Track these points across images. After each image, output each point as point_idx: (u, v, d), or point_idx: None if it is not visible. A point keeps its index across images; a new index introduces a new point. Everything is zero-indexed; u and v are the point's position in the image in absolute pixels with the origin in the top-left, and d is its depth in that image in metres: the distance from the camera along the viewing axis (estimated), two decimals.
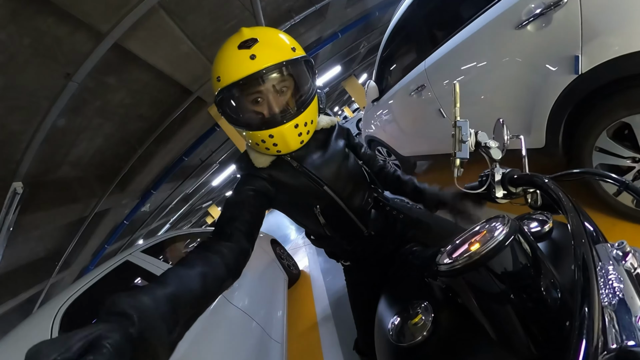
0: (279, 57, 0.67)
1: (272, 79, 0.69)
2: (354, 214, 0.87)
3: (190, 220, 16.75)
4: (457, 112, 0.63)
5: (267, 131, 0.69)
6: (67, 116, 2.73)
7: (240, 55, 0.65)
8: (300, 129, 0.72)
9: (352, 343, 1.19)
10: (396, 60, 2.60)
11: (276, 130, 0.69)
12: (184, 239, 2.37)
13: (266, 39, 0.67)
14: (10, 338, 1.20)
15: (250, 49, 0.64)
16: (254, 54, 0.64)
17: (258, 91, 0.69)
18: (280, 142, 0.72)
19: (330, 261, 3.28)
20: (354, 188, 0.87)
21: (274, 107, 0.70)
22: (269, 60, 0.65)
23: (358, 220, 0.88)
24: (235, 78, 0.65)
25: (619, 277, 0.33)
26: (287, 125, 0.70)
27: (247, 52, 0.64)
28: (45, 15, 1.96)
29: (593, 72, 1.11)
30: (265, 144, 0.72)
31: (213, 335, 1.51)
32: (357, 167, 0.92)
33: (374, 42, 8.27)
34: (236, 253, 0.58)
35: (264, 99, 0.70)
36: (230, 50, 0.66)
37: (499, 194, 0.61)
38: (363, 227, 0.90)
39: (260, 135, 0.70)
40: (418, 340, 0.57)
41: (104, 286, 1.48)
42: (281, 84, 0.71)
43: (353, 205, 0.86)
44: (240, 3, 3.01)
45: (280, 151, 0.75)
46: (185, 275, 0.45)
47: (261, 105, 0.70)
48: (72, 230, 4.34)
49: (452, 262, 0.47)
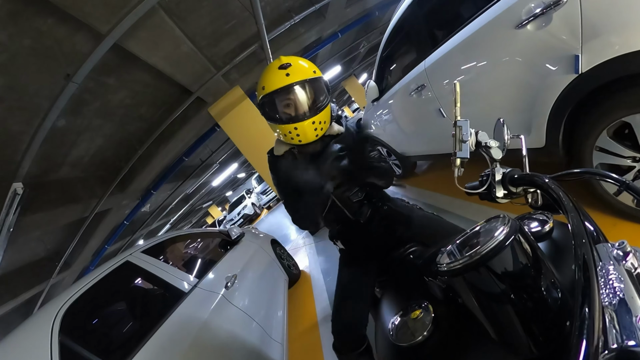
0: (304, 76, 0.98)
1: (298, 90, 0.98)
2: (341, 204, 1.10)
3: (191, 221, 16.76)
4: (458, 112, 0.63)
5: (292, 124, 0.98)
6: (67, 117, 2.73)
7: (279, 73, 0.97)
8: (316, 125, 1.00)
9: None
10: (396, 60, 2.60)
11: (299, 124, 0.98)
12: (184, 239, 2.37)
13: (296, 64, 0.99)
14: (11, 339, 1.20)
15: (286, 69, 0.97)
16: (289, 73, 0.96)
17: (289, 97, 0.98)
18: (302, 134, 1.00)
19: (330, 261, 3.27)
20: (342, 182, 1.08)
21: (299, 109, 0.99)
22: (297, 78, 0.96)
23: (345, 209, 1.10)
24: (275, 88, 0.96)
25: (619, 277, 0.33)
26: (307, 122, 0.98)
27: (284, 72, 0.96)
28: (46, 16, 1.96)
29: (593, 71, 1.11)
30: (290, 134, 1.00)
31: (213, 335, 1.51)
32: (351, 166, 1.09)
33: (374, 42, 8.27)
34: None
35: (292, 103, 0.99)
36: (274, 70, 0.98)
37: (500, 193, 0.61)
38: (350, 215, 1.11)
39: (287, 127, 0.99)
40: (418, 340, 0.57)
41: (104, 287, 1.48)
42: (304, 94, 0.99)
43: (341, 196, 1.09)
44: (240, 3, 3.01)
45: (301, 140, 1.01)
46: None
47: (290, 107, 0.99)
48: (72, 231, 4.34)
49: (452, 262, 0.47)
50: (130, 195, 5.15)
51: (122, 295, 1.63)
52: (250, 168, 12.50)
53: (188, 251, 2.34)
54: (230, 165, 9.21)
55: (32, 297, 4.68)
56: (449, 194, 2.60)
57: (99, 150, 3.71)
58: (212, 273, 1.95)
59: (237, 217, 13.53)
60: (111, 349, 1.30)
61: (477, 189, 0.64)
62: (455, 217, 2.17)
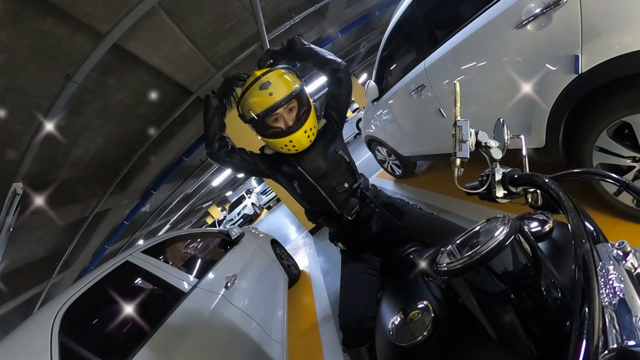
0: (286, 91, 1.00)
1: (285, 106, 1.01)
2: (325, 192, 1.11)
3: (191, 221, 16.75)
4: (458, 112, 0.63)
5: (287, 138, 1.02)
6: (67, 117, 2.73)
7: (262, 94, 0.99)
8: (308, 133, 1.05)
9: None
10: (396, 60, 2.60)
11: (293, 137, 1.02)
12: (184, 239, 2.37)
13: (275, 79, 1.01)
14: (11, 339, 1.20)
15: (267, 88, 0.99)
16: (272, 92, 0.98)
17: (277, 115, 1.02)
18: (297, 144, 1.04)
19: (330, 261, 3.27)
20: (328, 172, 1.11)
21: (288, 122, 1.03)
22: (281, 95, 0.99)
23: (328, 198, 1.11)
24: (261, 110, 0.99)
25: (619, 277, 0.33)
26: (299, 132, 1.03)
27: (266, 92, 0.99)
28: (45, 16, 1.96)
29: (593, 71, 1.11)
30: (287, 147, 1.05)
31: (213, 335, 1.51)
32: (336, 156, 1.13)
33: (374, 42, 8.26)
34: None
35: (281, 118, 1.03)
36: (255, 91, 1.01)
37: (500, 193, 0.61)
38: (335, 207, 1.11)
39: (282, 141, 1.04)
40: (418, 340, 0.57)
41: (104, 287, 1.48)
42: (289, 107, 1.03)
43: (325, 185, 1.11)
44: (240, 3, 3.01)
45: (297, 150, 1.06)
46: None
47: (280, 122, 1.04)
48: (72, 231, 4.33)
49: (452, 262, 0.47)
50: (130, 195, 5.15)
51: (122, 296, 1.63)
52: None
53: (188, 251, 2.34)
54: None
55: (32, 297, 4.68)
56: (449, 194, 2.60)
57: (99, 150, 3.71)
58: (212, 273, 1.95)
59: (237, 217, 13.53)
60: (111, 349, 1.30)
61: (477, 189, 0.64)
62: (455, 217, 2.17)
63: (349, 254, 1.18)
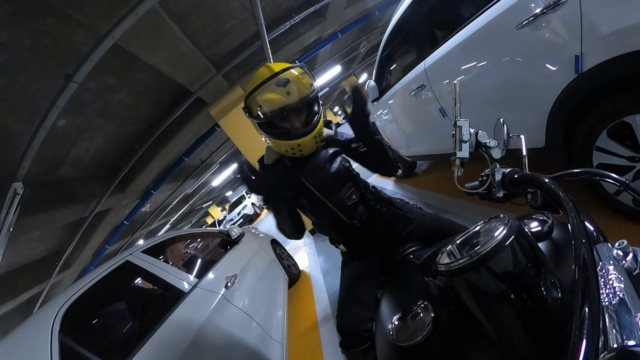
0: (304, 93, 0.95)
1: (301, 109, 0.97)
2: (335, 207, 1.06)
3: (191, 221, 16.74)
4: (458, 112, 0.63)
5: (295, 141, 0.97)
6: (68, 116, 2.73)
7: (279, 91, 0.92)
8: (317, 139, 1.02)
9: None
10: (396, 60, 2.60)
11: (302, 140, 0.97)
12: (184, 239, 2.37)
13: (294, 78, 0.95)
14: (11, 339, 1.20)
15: (285, 87, 0.92)
16: (289, 92, 0.93)
17: (289, 115, 0.96)
18: (304, 148, 1.00)
19: (330, 261, 3.27)
20: (336, 186, 1.07)
21: (297, 124, 0.98)
22: (298, 96, 0.94)
23: (339, 212, 1.07)
24: (276, 107, 0.93)
25: (619, 277, 0.33)
26: (309, 137, 0.98)
27: (284, 90, 0.92)
28: (45, 16, 1.96)
29: (593, 71, 1.11)
30: (292, 150, 1.00)
31: (213, 335, 1.51)
32: (342, 169, 1.09)
33: (374, 42, 8.26)
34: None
35: (291, 119, 0.97)
36: (271, 87, 0.93)
37: (500, 193, 0.61)
38: (346, 219, 1.08)
39: (290, 144, 0.98)
40: (418, 340, 0.57)
41: (104, 287, 1.48)
42: (306, 111, 0.99)
43: (334, 199, 1.06)
44: (240, 3, 3.01)
45: (303, 154, 1.02)
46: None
47: (289, 123, 0.98)
48: (72, 231, 4.33)
49: (452, 262, 0.47)
50: (130, 195, 5.14)
51: (122, 295, 1.63)
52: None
53: (188, 251, 2.34)
54: (231, 165, 9.20)
55: (32, 297, 4.68)
56: (449, 194, 2.60)
57: (99, 150, 3.71)
58: (212, 273, 1.94)
59: (237, 217, 13.53)
60: (111, 348, 1.30)
61: (477, 189, 0.64)
62: (455, 217, 2.15)
63: (349, 255, 1.18)
